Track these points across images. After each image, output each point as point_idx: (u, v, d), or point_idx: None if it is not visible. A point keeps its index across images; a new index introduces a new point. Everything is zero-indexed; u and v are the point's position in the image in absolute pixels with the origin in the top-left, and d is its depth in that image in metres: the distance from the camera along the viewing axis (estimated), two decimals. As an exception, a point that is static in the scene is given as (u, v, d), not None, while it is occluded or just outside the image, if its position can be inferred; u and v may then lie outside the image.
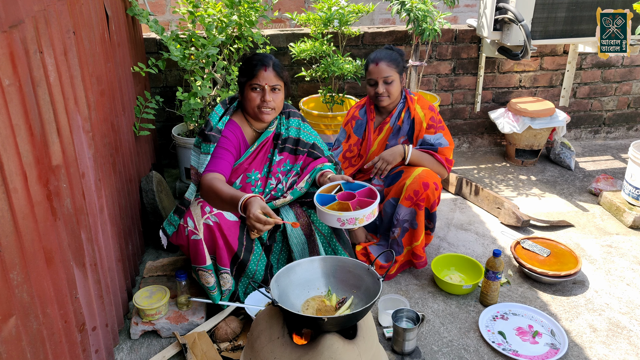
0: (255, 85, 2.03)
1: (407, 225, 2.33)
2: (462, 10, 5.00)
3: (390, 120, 2.45)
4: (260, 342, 1.58)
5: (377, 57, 2.36)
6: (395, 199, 2.36)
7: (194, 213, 1.98)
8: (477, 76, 3.64)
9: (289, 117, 2.23)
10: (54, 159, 1.41)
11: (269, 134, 2.16)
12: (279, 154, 2.18)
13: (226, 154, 2.05)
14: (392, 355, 1.96)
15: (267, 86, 2.02)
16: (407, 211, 2.31)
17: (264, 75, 2.02)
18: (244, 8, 2.84)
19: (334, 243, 2.20)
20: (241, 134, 2.11)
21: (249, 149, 2.13)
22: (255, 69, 2.01)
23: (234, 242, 2.03)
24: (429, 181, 2.28)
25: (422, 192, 2.26)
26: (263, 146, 2.16)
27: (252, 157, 2.13)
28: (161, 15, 4.51)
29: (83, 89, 1.70)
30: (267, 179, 2.16)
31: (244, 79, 2.05)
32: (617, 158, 3.71)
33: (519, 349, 1.99)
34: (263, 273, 2.15)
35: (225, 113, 2.11)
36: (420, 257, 2.37)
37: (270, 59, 2.05)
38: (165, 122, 3.41)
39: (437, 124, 2.42)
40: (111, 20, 2.24)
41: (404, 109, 2.44)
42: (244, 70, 2.05)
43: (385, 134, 2.48)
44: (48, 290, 1.32)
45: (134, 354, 1.99)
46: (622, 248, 2.65)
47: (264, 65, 2.01)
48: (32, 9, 1.32)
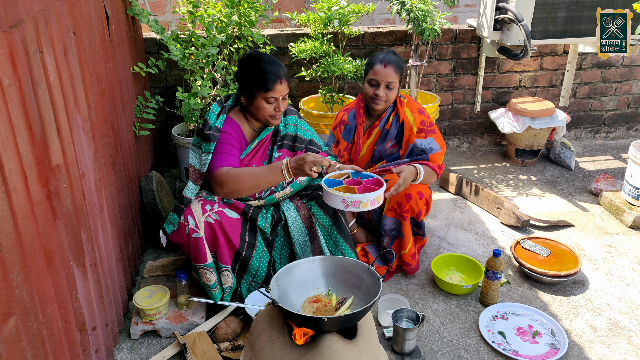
0: (271, 99, 2.02)
1: (395, 233, 2.36)
2: (462, 10, 5.01)
3: (380, 124, 2.41)
4: (260, 342, 1.58)
5: (387, 59, 2.30)
6: (381, 208, 2.34)
7: (195, 211, 1.98)
8: (477, 76, 3.64)
9: (286, 115, 2.24)
10: (54, 159, 1.41)
11: (269, 131, 2.17)
12: (278, 150, 2.19)
13: (232, 149, 2.04)
14: (392, 355, 1.96)
15: (280, 97, 2.04)
16: (393, 221, 2.33)
17: (279, 88, 2.01)
18: (244, 8, 2.84)
19: (335, 235, 2.21)
20: (240, 131, 2.12)
21: (249, 146, 2.13)
22: (271, 84, 1.99)
23: (236, 239, 2.04)
24: (412, 192, 2.26)
25: (405, 204, 2.26)
26: (263, 143, 2.17)
27: (252, 154, 2.14)
28: (161, 15, 4.52)
29: (83, 89, 1.70)
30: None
31: (257, 92, 2.01)
32: (617, 158, 3.71)
33: (519, 349, 1.99)
34: (266, 270, 2.16)
35: (221, 111, 2.11)
36: (409, 265, 2.37)
37: (282, 68, 2.03)
38: (165, 122, 3.41)
39: (428, 127, 2.38)
40: (111, 20, 2.24)
41: (393, 113, 2.41)
42: (257, 81, 2.00)
43: (373, 138, 2.44)
44: (48, 290, 1.32)
45: (134, 354, 1.99)
46: (622, 248, 2.65)
47: (279, 79, 2.00)
48: (32, 9, 1.32)
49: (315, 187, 2.21)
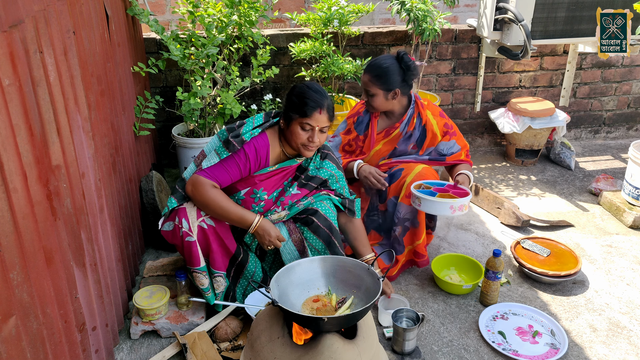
0: (307, 126, 1.95)
1: (408, 224, 2.33)
2: (462, 10, 5.01)
3: (400, 125, 2.40)
4: (260, 342, 1.58)
5: (367, 67, 2.32)
6: (396, 197, 2.35)
7: (190, 214, 1.96)
8: (477, 76, 3.64)
9: (324, 159, 2.15)
10: (54, 159, 1.41)
11: (294, 163, 2.09)
12: (298, 188, 2.10)
13: (235, 171, 1.98)
14: (392, 355, 1.96)
15: (317, 128, 1.96)
16: (408, 209, 2.30)
17: (317, 117, 1.94)
18: (244, 8, 2.83)
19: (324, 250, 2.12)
20: (267, 151, 2.03)
21: (267, 167, 2.04)
22: (309, 110, 1.93)
23: (232, 244, 2.03)
24: (430, 179, 2.27)
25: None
26: (283, 171, 2.08)
27: (267, 176, 2.04)
28: (161, 15, 4.52)
29: (83, 89, 1.70)
30: (273, 204, 2.09)
31: (295, 115, 1.95)
32: (617, 158, 3.71)
33: (519, 348, 1.99)
34: (261, 274, 2.15)
35: (261, 125, 2.04)
36: (422, 256, 2.36)
37: (326, 99, 1.97)
38: (165, 122, 3.41)
39: (451, 130, 2.43)
40: (111, 20, 2.24)
41: (415, 115, 2.40)
42: (297, 105, 1.95)
43: (393, 138, 2.44)
44: (48, 290, 1.32)
45: (134, 354, 1.99)
46: (622, 248, 2.65)
47: (319, 108, 1.94)
48: (32, 9, 1.32)
49: (310, 211, 2.10)
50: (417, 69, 2.35)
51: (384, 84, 2.29)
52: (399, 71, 2.28)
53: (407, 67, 2.29)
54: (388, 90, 2.30)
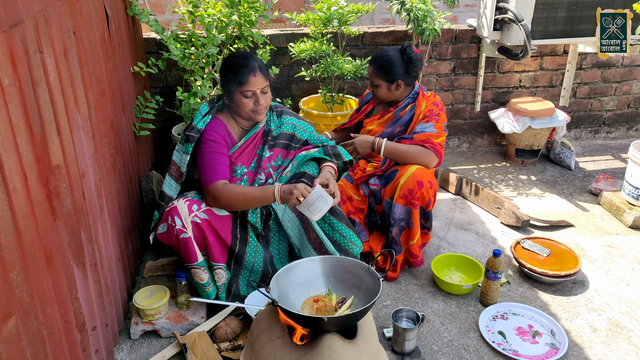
0: (248, 93, 2.03)
1: (404, 224, 2.34)
2: (462, 10, 5.01)
3: (395, 110, 2.51)
4: (260, 342, 1.58)
5: (372, 59, 2.45)
6: (391, 198, 2.37)
7: (181, 211, 1.99)
8: (477, 76, 3.64)
9: (281, 115, 2.26)
10: (54, 159, 1.41)
11: (257, 129, 2.19)
12: (269, 150, 2.19)
13: (222, 158, 2.07)
14: (392, 355, 1.96)
15: (258, 90, 2.03)
16: (403, 210, 2.31)
17: (253, 81, 2.02)
18: (244, 8, 2.83)
19: (328, 217, 2.18)
20: (226, 131, 2.13)
21: (236, 145, 2.15)
22: (244, 76, 2.00)
23: (227, 236, 2.05)
24: (423, 180, 2.27)
25: (417, 191, 2.26)
26: (251, 142, 2.18)
27: (239, 152, 2.15)
28: (161, 15, 4.52)
29: (83, 89, 1.70)
30: (255, 173, 2.17)
31: (233, 87, 2.03)
32: (617, 158, 3.71)
33: (519, 348, 1.99)
34: (262, 265, 2.16)
35: (209, 112, 2.13)
36: (416, 256, 2.37)
37: (255, 61, 2.04)
38: (165, 122, 3.41)
39: (433, 115, 2.44)
40: (111, 20, 2.24)
41: (412, 103, 2.50)
42: (231, 77, 2.02)
43: (385, 120, 2.55)
44: (48, 290, 1.32)
45: (134, 354, 1.99)
46: (622, 248, 2.65)
47: (252, 72, 2.01)
48: (32, 9, 1.32)
49: (298, 175, 2.17)
50: (420, 61, 2.43)
51: (386, 75, 2.40)
52: (401, 63, 2.39)
53: (409, 60, 2.39)
54: (391, 82, 2.42)
